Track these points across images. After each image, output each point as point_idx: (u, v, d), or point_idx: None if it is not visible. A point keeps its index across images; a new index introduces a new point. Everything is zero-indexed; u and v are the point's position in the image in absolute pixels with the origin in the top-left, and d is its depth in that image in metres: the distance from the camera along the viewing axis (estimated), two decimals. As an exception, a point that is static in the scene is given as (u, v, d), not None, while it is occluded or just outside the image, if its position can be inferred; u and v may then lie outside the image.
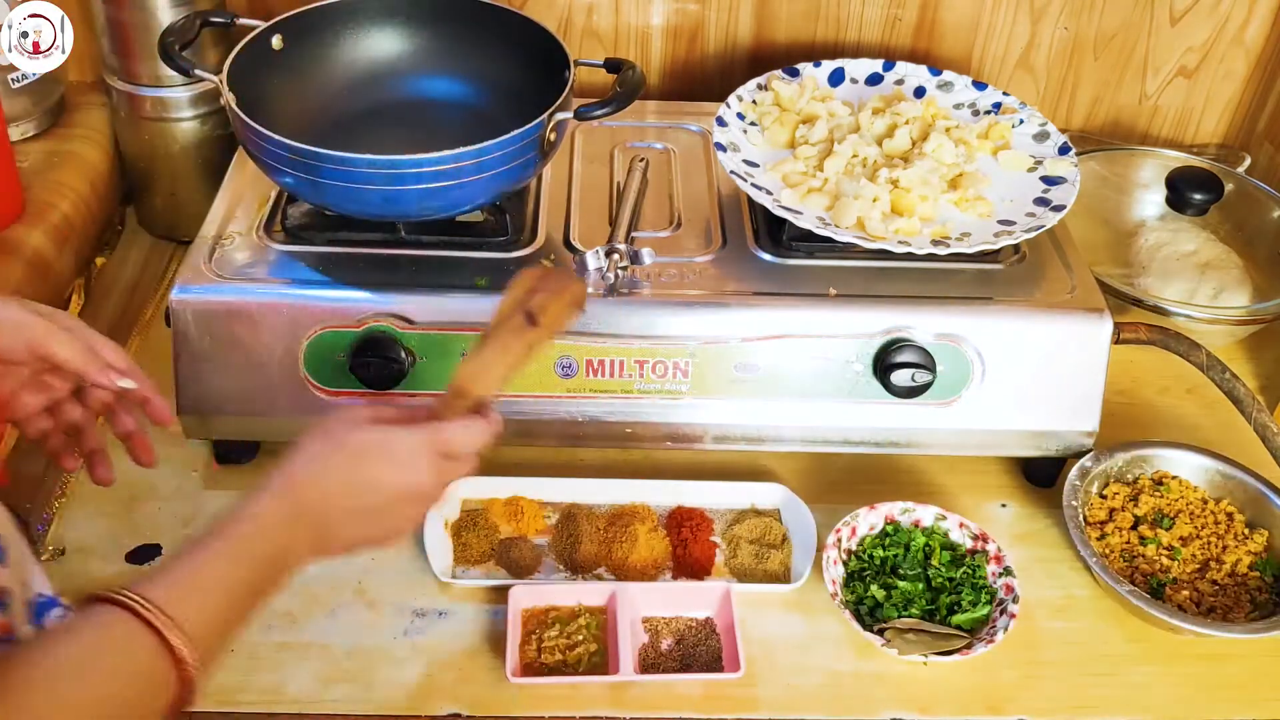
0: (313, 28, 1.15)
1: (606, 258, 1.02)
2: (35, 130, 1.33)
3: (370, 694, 0.94)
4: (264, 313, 1.01)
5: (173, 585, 0.68)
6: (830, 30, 1.43)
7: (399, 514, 0.80)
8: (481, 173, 0.98)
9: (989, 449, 1.12)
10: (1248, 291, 1.27)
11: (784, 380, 1.06)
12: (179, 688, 0.67)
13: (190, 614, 0.67)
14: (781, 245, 1.10)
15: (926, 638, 0.97)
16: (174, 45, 1.05)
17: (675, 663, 0.97)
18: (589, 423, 1.07)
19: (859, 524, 1.06)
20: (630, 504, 1.09)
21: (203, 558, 0.71)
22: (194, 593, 0.69)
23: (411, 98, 1.19)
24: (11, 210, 1.21)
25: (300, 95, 1.14)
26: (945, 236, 1.07)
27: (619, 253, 1.03)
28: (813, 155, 1.16)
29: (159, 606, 0.66)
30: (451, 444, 0.80)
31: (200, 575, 0.70)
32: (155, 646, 0.66)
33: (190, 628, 0.67)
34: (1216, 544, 1.06)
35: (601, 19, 1.41)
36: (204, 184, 1.32)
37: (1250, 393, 1.08)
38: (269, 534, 0.74)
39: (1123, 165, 1.44)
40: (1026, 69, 1.48)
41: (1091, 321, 1.06)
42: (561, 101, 1.01)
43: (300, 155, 0.97)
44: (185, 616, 0.67)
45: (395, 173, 0.96)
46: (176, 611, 0.67)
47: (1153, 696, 0.98)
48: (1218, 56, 1.47)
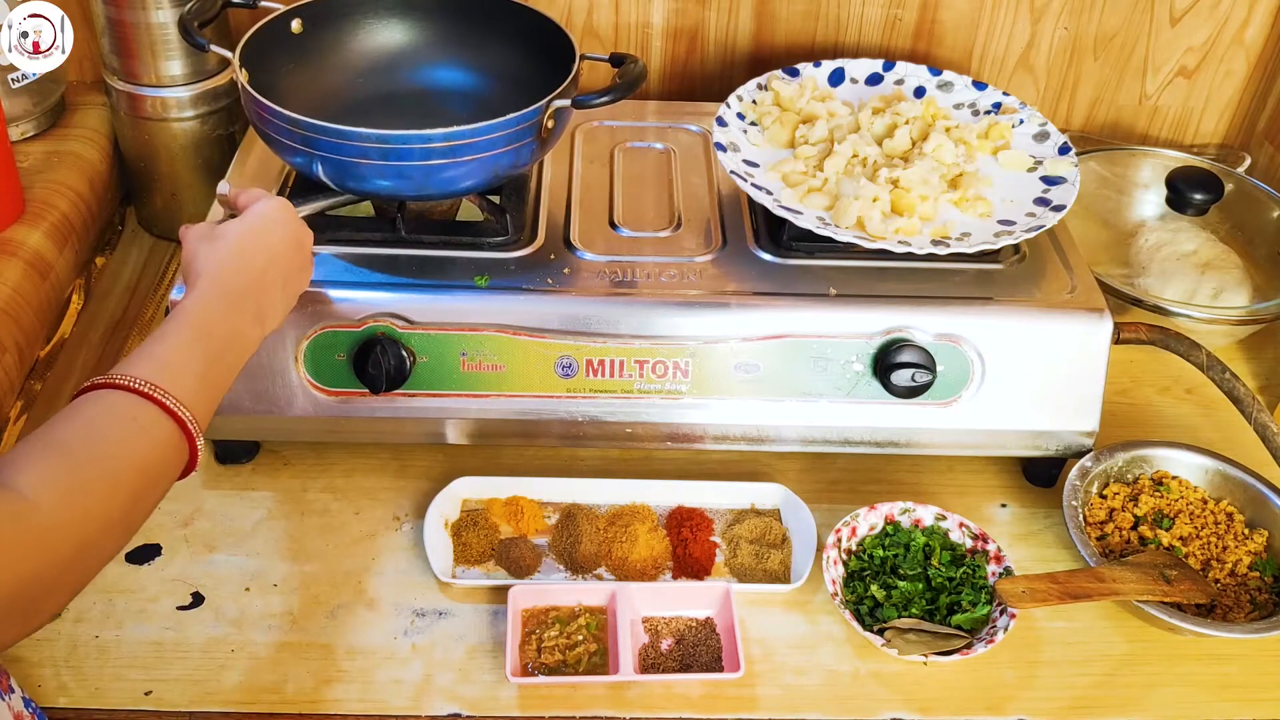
0: (334, 13, 1.17)
1: None
2: (35, 130, 1.33)
3: (370, 694, 0.94)
4: (264, 313, 1.01)
5: (156, 364, 0.76)
6: (830, 30, 1.43)
7: (298, 279, 0.93)
8: (479, 153, 1.00)
9: (989, 449, 1.12)
10: (1248, 291, 1.27)
11: (784, 380, 1.06)
12: (189, 460, 0.76)
13: (179, 386, 0.75)
14: (781, 245, 1.10)
15: (926, 638, 0.97)
16: (193, 22, 1.06)
17: (675, 663, 0.97)
18: (589, 423, 1.07)
19: (859, 524, 1.06)
20: (630, 504, 1.09)
21: (172, 342, 0.79)
22: (175, 369, 0.77)
23: (422, 87, 1.20)
24: (11, 210, 1.21)
25: (313, 79, 1.15)
26: (945, 236, 1.07)
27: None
28: (813, 155, 1.16)
29: (152, 383, 0.74)
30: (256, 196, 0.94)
31: (176, 355, 0.78)
32: (160, 417, 0.74)
33: (184, 397, 0.75)
34: (1216, 544, 1.06)
35: (601, 18, 1.41)
36: (204, 184, 1.32)
37: (1250, 393, 1.08)
38: (211, 320, 0.82)
39: (1123, 165, 1.44)
40: (1026, 69, 1.48)
41: (1091, 321, 1.06)
42: (562, 90, 1.02)
43: (304, 129, 0.98)
44: (177, 387, 0.75)
45: (394, 148, 0.98)
46: (168, 385, 0.75)
47: (1153, 696, 0.98)
48: (1218, 56, 1.48)
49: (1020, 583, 0.98)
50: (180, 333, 0.80)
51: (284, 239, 0.91)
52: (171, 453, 0.75)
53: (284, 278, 0.90)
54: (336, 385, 1.04)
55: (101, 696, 0.93)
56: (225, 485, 1.11)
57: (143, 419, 0.73)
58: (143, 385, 0.74)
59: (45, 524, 0.65)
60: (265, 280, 0.88)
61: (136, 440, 0.73)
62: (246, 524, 1.07)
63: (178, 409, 0.74)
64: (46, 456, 0.69)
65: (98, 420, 0.73)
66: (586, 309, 1.03)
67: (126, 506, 0.71)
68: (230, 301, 0.84)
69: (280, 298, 0.90)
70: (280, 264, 0.90)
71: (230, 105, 1.32)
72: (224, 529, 1.07)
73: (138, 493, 0.72)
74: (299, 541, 1.06)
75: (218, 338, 0.82)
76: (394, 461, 1.13)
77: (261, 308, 0.87)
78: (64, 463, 0.69)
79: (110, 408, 0.73)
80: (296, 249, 0.92)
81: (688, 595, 1.01)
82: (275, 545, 1.06)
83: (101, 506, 0.69)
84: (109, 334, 1.26)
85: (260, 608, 1.00)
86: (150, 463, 0.73)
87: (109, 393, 0.74)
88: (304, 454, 1.13)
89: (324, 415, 1.05)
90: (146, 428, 0.73)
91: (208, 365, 0.80)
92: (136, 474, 0.72)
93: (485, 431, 1.07)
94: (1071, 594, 0.97)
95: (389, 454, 1.14)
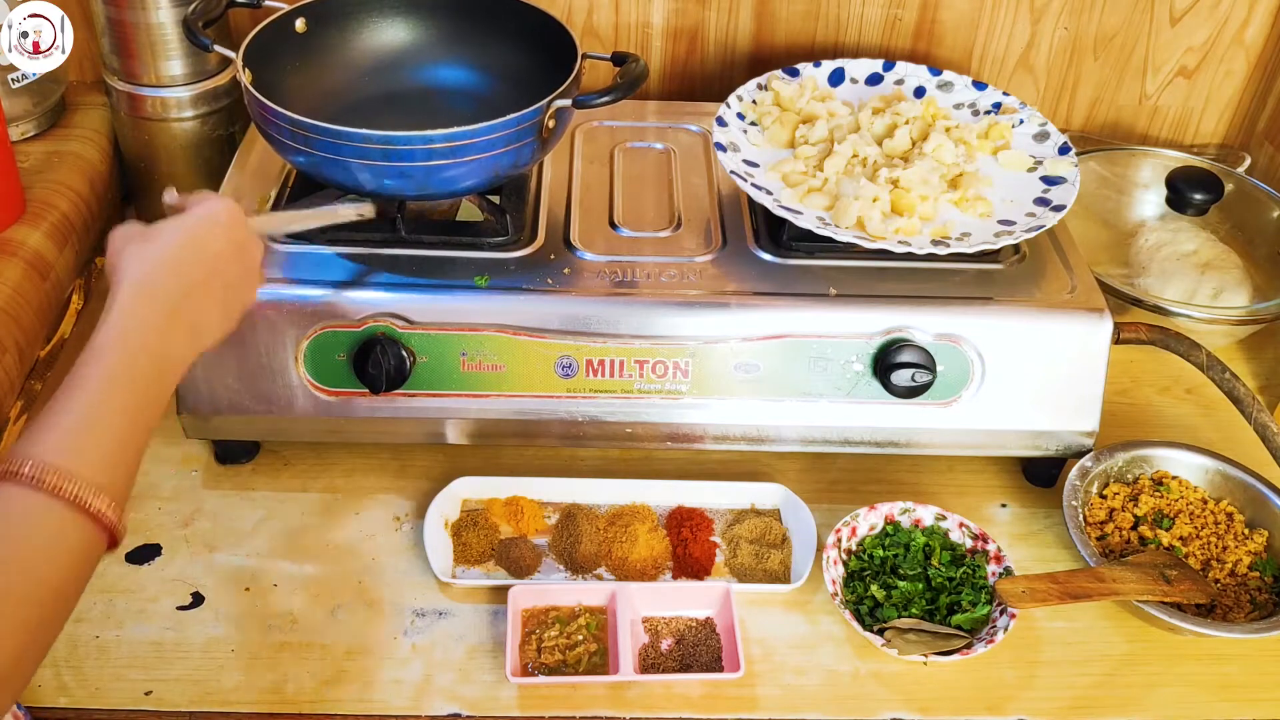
0: (339, 13, 1.17)
1: None
2: (35, 130, 1.33)
3: (370, 694, 0.94)
4: (264, 313, 1.01)
5: (66, 437, 0.66)
6: (830, 31, 1.43)
7: (242, 290, 0.84)
8: (480, 153, 1.00)
9: (989, 449, 1.12)
10: (1248, 291, 1.27)
11: (784, 380, 1.06)
12: (107, 538, 0.67)
13: (95, 462, 0.66)
14: (781, 245, 1.10)
15: (926, 638, 0.97)
16: (197, 21, 1.06)
17: (675, 663, 0.97)
18: (589, 423, 1.07)
19: (859, 524, 1.06)
20: (630, 504, 1.09)
21: (87, 400, 0.68)
22: (91, 440, 0.67)
23: (425, 85, 1.20)
24: (12, 210, 1.21)
25: (317, 78, 1.15)
26: (945, 236, 1.07)
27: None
28: (813, 155, 1.16)
29: (61, 469, 0.64)
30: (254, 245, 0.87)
31: (93, 417, 0.68)
32: (69, 514, 0.64)
33: (99, 476, 0.65)
34: (1216, 544, 1.06)
35: (601, 18, 1.41)
36: (204, 184, 1.32)
37: (1250, 393, 1.08)
38: (141, 347, 0.73)
39: (1123, 165, 1.44)
40: (1026, 69, 1.48)
41: (1091, 321, 1.06)
42: (563, 90, 1.02)
43: (306, 129, 0.98)
44: (90, 468, 0.65)
45: (395, 148, 0.98)
46: (80, 467, 0.65)
47: (1153, 696, 0.98)
48: (1218, 56, 1.47)
49: (1020, 583, 0.98)
50: (97, 379, 0.69)
51: (227, 243, 0.82)
52: (92, 550, 0.66)
53: (225, 288, 0.81)
54: (336, 385, 1.04)
55: (101, 696, 0.93)
56: (225, 485, 1.11)
57: (50, 521, 0.64)
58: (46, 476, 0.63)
59: None
60: (204, 289, 0.78)
61: (48, 551, 0.64)
62: (246, 524, 1.07)
63: (88, 500, 0.64)
64: None
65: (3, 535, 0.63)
66: (586, 309, 1.03)
67: (48, 617, 0.64)
68: (160, 313, 0.75)
69: (219, 312, 0.81)
70: (221, 273, 0.81)
71: (230, 105, 1.32)
72: (224, 529, 1.07)
73: (56, 608, 0.65)
74: (299, 541, 1.06)
75: (141, 366, 0.72)
76: (394, 461, 1.13)
77: (197, 323, 0.78)
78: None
79: (12, 513, 0.63)
80: (238, 255, 0.83)
81: (688, 595, 1.01)
82: (275, 545, 1.06)
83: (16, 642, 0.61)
84: (109, 334, 1.26)
85: (260, 608, 1.00)
86: (64, 572, 0.65)
87: (7, 490, 0.64)
88: (304, 454, 1.13)
89: (324, 415, 1.05)
90: (56, 530, 0.64)
91: (130, 415, 0.70)
92: (51, 591, 0.64)
93: (485, 431, 1.07)
94: (1071, 594, 0.97)
95: (389, 454, 1.14)
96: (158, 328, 0.75)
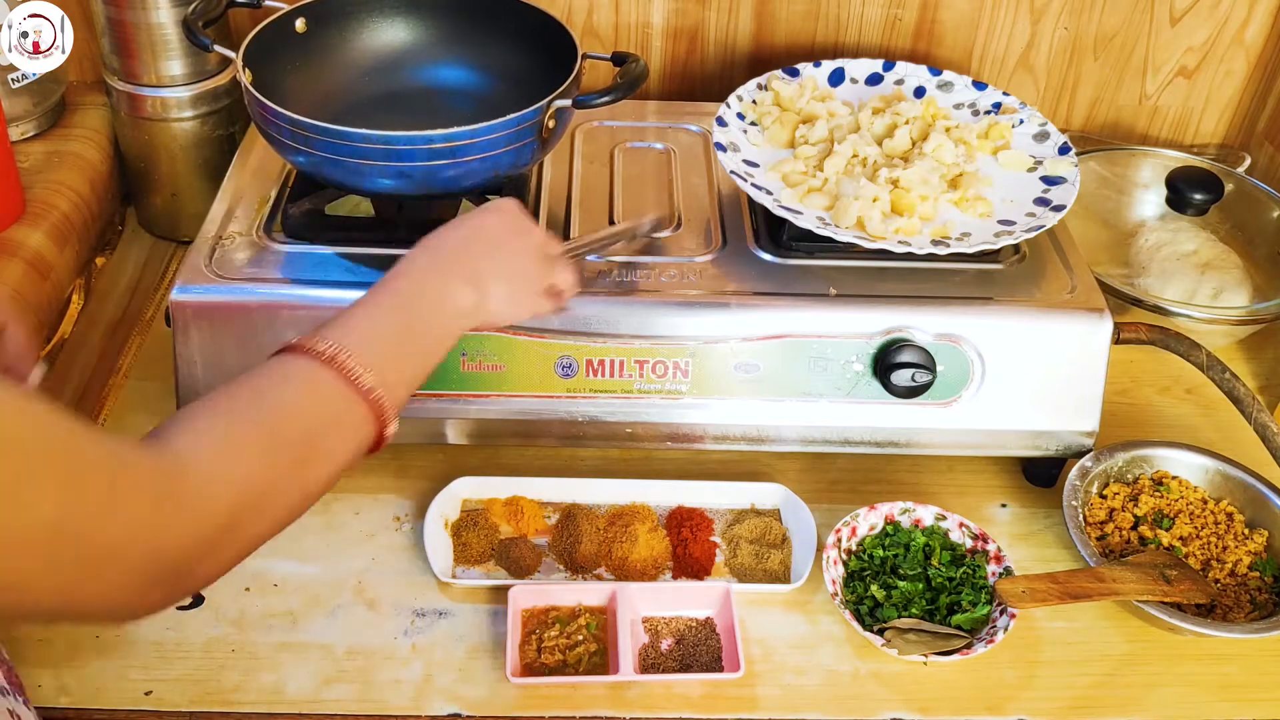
0: (339, 13, 1.17)
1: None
2: (35, 130, 1.33)
3: (370, 694, 0.94)
4: (264, 313, 1.01)
5: (350, 333, 0.74)
6: (830, 31, 1.43)
7: (521, 265, 0.88)
8: (480, 153, 1.00)
9: (989, 449, 1.12)
10: (1248, 291, 1.27)
11: (784, 380, 1.06)
12: (375, 428, 0.74)
13: (373, 359, 0.73)
14: (781, 245, 1.10)
15: (926, 638, 0.97)
16: (197, 21, 1.06)
17: (675, 663, 0.97)
18: (589, 423, 1.07)
19: (859, 524, 1.06)
20: (630, 504, 1.09)
21: (370, 310, 0.78)
22: (371, 340, 0.75)
23: (425, 85, 1.20)
24: (12, 210, 1.21)
25: (317, 78, 1.15)
26: (945, 236, 1.07)
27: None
28: (813, 155, 1.16)
29: (344, 352, 0.72)
30: (551, 249, 0.91)
31: (373, 324, 0.77)
32: (349, 392, 0.72)
33: (375, 370, 0.73)
34: (1216, 544, 1.06)
35: (601, 18, 1.41)
36: (204, 184, 1.32)
37: (1250, 393, 1.08)
38: (421, 279, 0.81)
39: (1123, 165, 1.44)
40: (1026, 69, 1.48)
41: (1091, 321, 1.06)
42: (563, 90, 1.02)
43: (306, 130, 0.98)
44: (368, 361, 0.73)
45: (395, 148, 0.98)
46: (360, 357, 0.73)
47: (1153, 696, 0.98)
48: (1218, 56, 1.47)
49: (1020, 583, 0.98)
50: (377, 295, 0.79)
51: (503, 223, 0.88)
52: (347, 417, 0.73)
53: (504, 258, 0.86)
54: (336, 385, 1.04)
55: (102, 696, 0.93)
56: (225, 485, 1.11)
57: (319, 382, 0.72)
58: (320, 345, 0.72)
59: (198, 483, 0.63)
60: (482, 248, 0.85)
61: (302, 400, 0.71)
62: (246, 524, 1.07)
63: (358, 373, 0.72)
64: (206, 416, 0.68)
65: (266, 381, 0.71)
66: (586, 309, 1.03)
67: (288, 469, 0.69)
68: (441, 259, 0.83)
69: (502, 281, 0.85)
70: (500, 244, 0.87)
71: (230, 105, 1.32)
72: (224, 529, 1.06)
73: (303, 456, 0.70)
74: (299, 541, 1.06)
75: (427, 295, 0.81)
76: (394, 461, 1.13)
77: (476, 274, 0.84)
78: (221, 421, 0.67)
79: (284, 371, 0.72)
80: (516, 235, 0.88)
81: (688, 595, 1.02)
82: (275, 545, 1.04)
83: (260, 465, 0.67)
84: (109, 334, 1.26)
85: (260, 608, 1.00)
86: (317, 425, 0.71)
87: (288, 357, 0.73)
88: (304, 454, 1.13)
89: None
90: (317, 388, 0.72)
91: (404, 330, 0.78)
92: (300, 435, 0.70)
93: (485, 431, 1.07)
94: (1071, 594, 0.97)
95: (389, 454, 1.12)
96: (437, 269, 0.83)
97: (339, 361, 0.72)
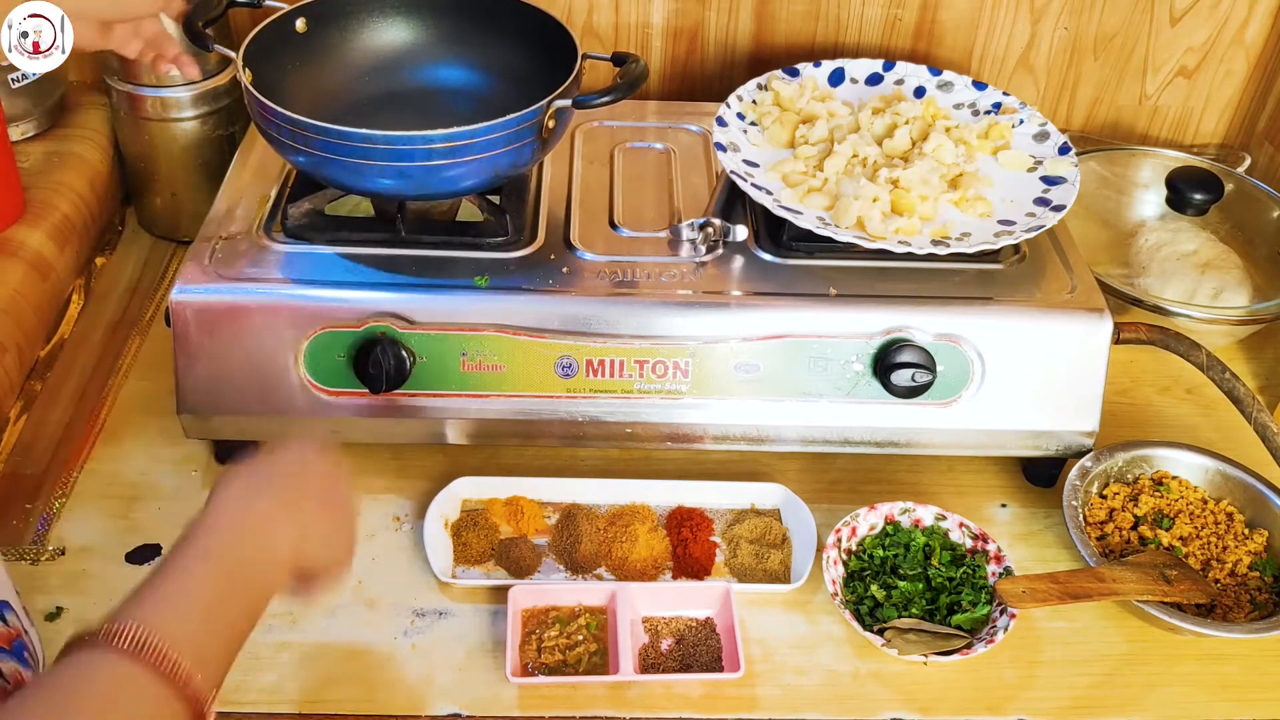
0: (339, 13, 1.17)
1: (699, 230, 1.07)
2: (35, 130, 1.33)
3: (370, 694, 0.94)
4: (264, 313, 1.01)
5: (160, 607, 0.64)
6: (830, 30, 1.43)
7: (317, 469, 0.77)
8: (480, 153, 1.00)
9: (989, 449, 1.12)
10: (1248, 291, 1.27)
11: (784, 380, 1.06)
12: (192, 715, 0.62)
13: (185, 636, 0.62)
14: (781, 245, 1.10)
15: (926, 638, 0.97)
16: (197, 21, 1.06)
17: (675, 663, 0.97)
18: (589, 423, 1.07)
19: (859, 524, 1.06)
20: (630, 504, 1.09)
21: (180, 578, 0.66)
22: (184, 614, 0.64)
23: (425, 85, 1.20)
24: (12, 210, 1.21)
25: (317, 78, 1.15)
26: (945, 236, 1.07)
27: (713, 226, 1.07)
28: (813, 155, 1.16)
29: (151, 640, 0.61)
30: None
31: (187, 591, 0.65)
32: (161, 687, 0.60)
33: (189, 650, 0.62)
34: (1216, 544, 1.06)
35: (601, 18, 1.41)
36: (204, 184, 1.32)
37: (1250, 393, 1.08)
38: (242, 530, 0.70)
39: (1123, 165, 1.44)
40: (1026, 69, 1.48)
41: (1091, 321, 1.06)
42: (563, 90, 1.02)
43: (306, 129, 0.98)
44: (180, 641, 0.61)
45: (395, 148, 0.98)
46: (170, 638, 0.61)
47: (1153, 696, 0.98)
48: (1218, 56, 1.48)
49: (1020, 583, 0.98)
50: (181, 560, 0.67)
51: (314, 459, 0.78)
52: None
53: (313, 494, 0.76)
54: (336, 385, 1.04)
55: (101, 696, 0.93)
56: (225, 485, 1.11)
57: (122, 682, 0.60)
58: (131, 635, 0.60)
59: None
60: (289, 481, 0.75)
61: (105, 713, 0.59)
62: (246, 524, 1.07)
63: (173, 658, 0.61)
64: None
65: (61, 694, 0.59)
66: (586, 309, 1.03)
67: None
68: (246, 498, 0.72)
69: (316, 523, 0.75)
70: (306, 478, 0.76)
71: (230, 105, 1.32)
72: (224, 529, 1.06)
73: None
74: (299, 541, 1.06)
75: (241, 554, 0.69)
76: (394, 461, 1.13)
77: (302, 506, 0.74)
78: None
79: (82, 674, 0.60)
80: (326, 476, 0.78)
81: (688, 595, 1.02)
82: (275, 545, 1.05)
83: None
84: (109, 334, 1.26)
85: (260, 608, 1.00)
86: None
87: (84, 655, 0.60)
88: (304, 454, 1.13)
89: (324, 415, 1.05)
90: (121, 693, 0.60)
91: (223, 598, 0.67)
92: None
93: (485, 431, 1.07)
94: (1071, 594, 0.97)
95: (389, 454, 1.14)
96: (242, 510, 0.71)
97: (149, 648, 0.60)
